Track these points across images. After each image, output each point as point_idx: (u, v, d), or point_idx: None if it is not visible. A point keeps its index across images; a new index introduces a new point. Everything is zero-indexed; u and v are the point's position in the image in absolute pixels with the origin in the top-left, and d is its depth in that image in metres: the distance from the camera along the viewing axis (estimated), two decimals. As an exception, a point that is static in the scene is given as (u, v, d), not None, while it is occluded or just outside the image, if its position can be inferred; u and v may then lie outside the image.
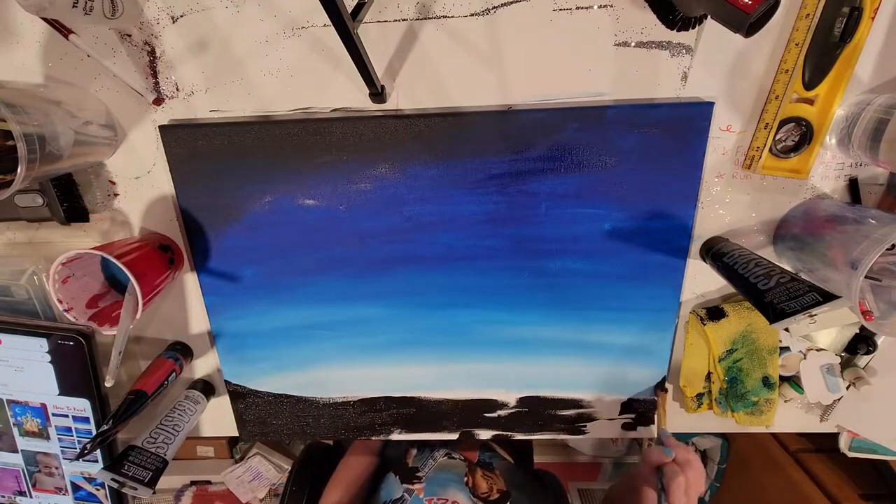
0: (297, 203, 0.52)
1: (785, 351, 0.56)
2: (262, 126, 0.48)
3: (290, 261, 0.54)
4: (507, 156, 0.49)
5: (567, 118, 0.47)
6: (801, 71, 0.43)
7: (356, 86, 0.47)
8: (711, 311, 0.55)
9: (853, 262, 0.39)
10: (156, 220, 0.54)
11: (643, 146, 0.48)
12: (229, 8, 0.45)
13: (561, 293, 0.55)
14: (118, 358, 0.45)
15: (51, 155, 0.40)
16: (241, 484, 1.32)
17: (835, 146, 0.47)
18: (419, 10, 0.44)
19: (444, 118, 0.47)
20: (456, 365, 0.61)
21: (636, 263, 0.53)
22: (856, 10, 0.40)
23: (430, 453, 0.72)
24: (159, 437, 0.53)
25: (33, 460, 0.63)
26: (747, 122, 0.48)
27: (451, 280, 0.55)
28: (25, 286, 0.55)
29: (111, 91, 0.48)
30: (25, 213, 0.51)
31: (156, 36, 0.46)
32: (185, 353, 0.60)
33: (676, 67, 0.46)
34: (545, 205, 0.51)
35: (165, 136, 0.49)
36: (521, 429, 0.65)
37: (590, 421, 0.64)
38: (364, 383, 0.62)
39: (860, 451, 0.68)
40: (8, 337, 0.55)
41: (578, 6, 0.44)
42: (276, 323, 0.58)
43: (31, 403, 0.59)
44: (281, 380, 0.62)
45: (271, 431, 0.66)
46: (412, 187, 0.50)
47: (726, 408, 0.59)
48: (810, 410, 0.63)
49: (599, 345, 0.58)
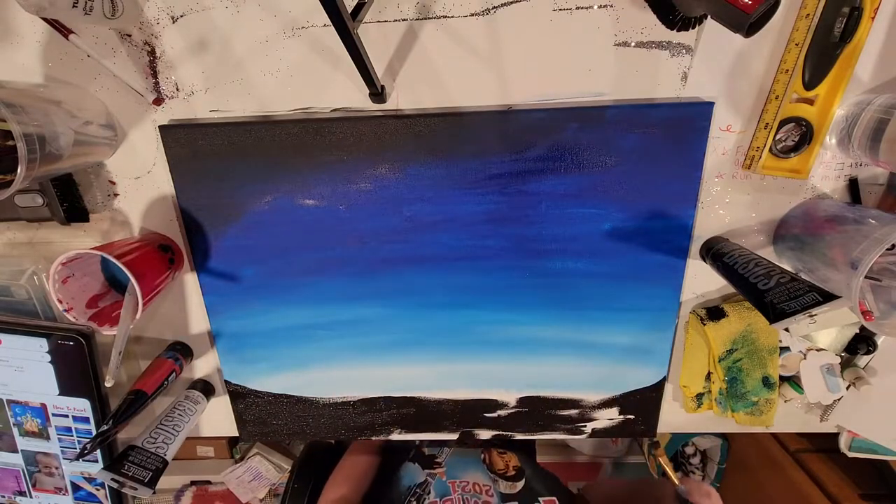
0: (297, 203, 0.52)
1: (785, 351, 0.56)
2: (262, 126, 0.48)
3: (290, 261, 0.54)
4: (507, 156, 0.49)
5: (567, 118, 0.47)
6: (801, 71, 0.43)
7: (356, 86, 0.47)
8: (711, 311, 0.55)
9: (853, 262, 0.39)
10: (156, 220, 0.54)
11: (643, 146, 0.48)
12: (229, 8, 0.45)
13: (561, 293, 0.55)
14: (118, 358, 0.45)
15: (51, 155, 0.40)
16: (241, 484, 1.32)
17: (835, 146, 0.47)
18: (419, 10, 0.44)
19: (444, 118, 0.47)
20: (456, 365, 0.61)
21: (636, 263, 0.53)
22: (856, 10, 0.40)
23: (442, 445, 0.73)
24: (159, 437, 0.53)
25: (33, 460, 0.63)
26: (747, 122, 0.48)
27: (451, 280, 0.55)
28: (25, 286, 0.55)
29: (111, 91, 0.48)
30: (25, 213, 0.51)
31: (156, 36, 0.46)
32: (185, 353, 0.60)
33: (676, 67, 0.46)
34: (545, 205, 0.51)
35: (165, 136, 0.49)
36: (521, 429, 0.65)
37: (590, 421, 0.64)
38: (364, 383, 0.62)
39: (860, 451, 0.68)
40: (8, 337, 0.55)
41: (578, 6, 0.44)
42: (276, 323, 0.58)
43: (31, 403, 0.59)
44: (281, 380, 0.62)
45: (271, 431, 0.66)
46: (412, 187, 0.50)
47: (726, 408, 0.59)
48: (810, 410, 0.63)
49: (599, 345, 0.58)
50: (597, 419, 0.64)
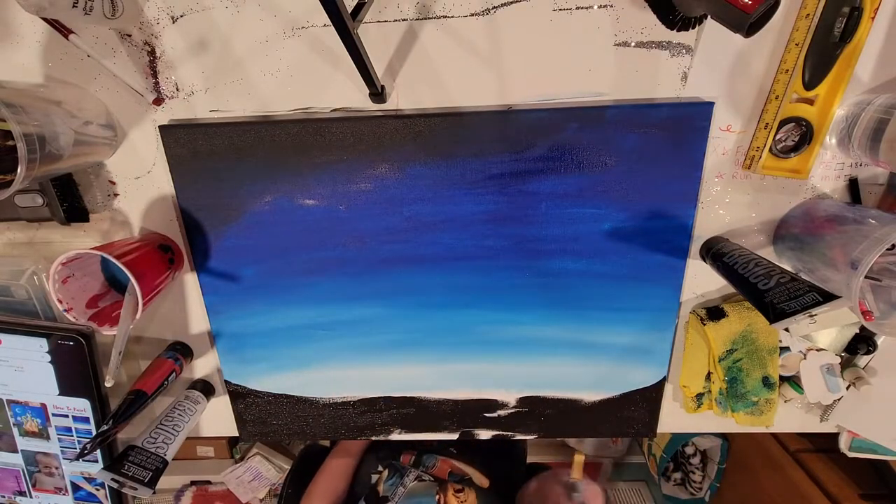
0: (297, 203, 0.52)
1: (785, 351, 0.56)
2: (262, 126, 0.48)
3: (290, 261, 0.54)
4: (507, 156, 0.49)
5: (567, 118, 0.47)
6: (801, 71, 0.43)
7: (356, 86, 0.47)
8: (711, 311, 0.55)
9: (853, 262, 0.39)
10: (156, 220, 0.54)
11: (643, 146, 0.48)
12: (229, 8, 0.45)
13: (561, 293, 0.55)
14: (118, 358, 0.45)
15: (51, 155, 0.40)
16: (241, 484, 1.32)
17: (835, 146, 0.47)
18: (419, 10, 0.44)
19: (444, 118, 0.47)
20: (456, 365, 0.61)
21: (636, 263, 0.53)
22: (856, 10, 0.40)
23: (401, 479, 0.71)
24: (159, 437, 0.53)
25: (33, 460, 0.63)
26: (747, 122, 0.48)
27: (451, 280, 0.55)
28: (25, 286, 0.55)
29: (111, 91, 0.48)
30: (25, 213, 0.51)
31: (156, 36, 0.46)
32: (185, 353, 0.60)
33: (676, 67, 0.46)
34: (545, 205, 0.51)
35: (165, 136, 0.49)
36: (521, 429, 0.65)
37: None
38: (364, 383, 0.62)
39: (860, 451, 0.68)
40: (8, 337, 0.55)
41: (578, 6, 0.44)
42: (276, 323, 0.58)
43: (31, 403, 0.59)
44: (281, 380, 0.62)
45: (271, 431, 0.66)
46: (412, 187, 0.50)
47: (726, 408, 0.59)
48: (810, 410, 0.63)
49: (599, 345, 0.58)
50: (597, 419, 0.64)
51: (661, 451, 1.43)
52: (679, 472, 1.44)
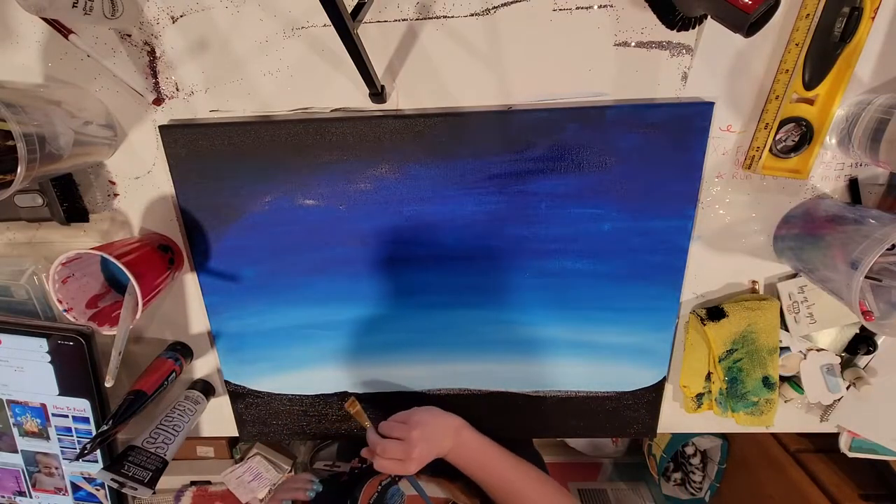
0: (296, 203, 0.52)
1: (785, 351, 0.56)
2: (262, 126, 0.48)
3: (289, 261, 0.54)
4: (507, 156, 0.49)
5: (567, 118, 0.47)
6: (801, 71, 0.43)
7: (356, 86, 0.47)
8: (711, 311, 0.55)
9: (853, 262, 0.39)
10: (156, 220, 0.54)
11: (643, 146, 0.48)
12: (229, 8, 0.45)
13: (561, 293, 0.55)
14: (118, 358, 0.45)
15: (51, 155, 0.40)
16: (241, 484, 1.32)
17: (835, 146, 0.47)
18: (419, 10, 0.44)
19: (444, 118, 0.47)
20: (456, 365, 0.60)
21: (636, 263, 0.53)
22: (856, 10, 0.40)
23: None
24: (159, 438, 0.53)
25: (33, 460, 0.62)
26: (747, 122, 0.48)
27: (451, 280, 0.55)
28: (25, 286, 0.55)
29: (111, 91, 0.48)
30: (25, 213, 0.51)
31: (156, 36, 0.46)
32: (185, 353, 0.60)
33: (676, 67, 0.46)
34: (545, 205, 0.51)
35: (165, 136, 0.49)
36: (521, 429, 0.65)
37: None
38: (364, 383, 0.62)
39: (860, 451, 0.68)
40: (8, 337, 0.55)
41: (578, 6, 0.44)
42: (275, 323, 0.58)
43: (31, 403, 0.59)
44: (281, 380, 0.62)
45: (271, 431, 0.66)
46: (412, 187, 0.50)
47: (726, 408, 0.59)
48: (810, 410, 0.63)
49: (599, 345, 0.58)
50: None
51: (661, 451, 1.43)
52: (679, 472, 1.44)
